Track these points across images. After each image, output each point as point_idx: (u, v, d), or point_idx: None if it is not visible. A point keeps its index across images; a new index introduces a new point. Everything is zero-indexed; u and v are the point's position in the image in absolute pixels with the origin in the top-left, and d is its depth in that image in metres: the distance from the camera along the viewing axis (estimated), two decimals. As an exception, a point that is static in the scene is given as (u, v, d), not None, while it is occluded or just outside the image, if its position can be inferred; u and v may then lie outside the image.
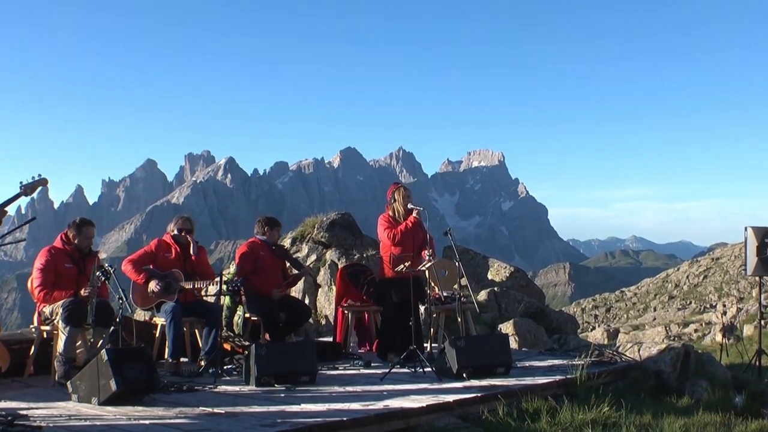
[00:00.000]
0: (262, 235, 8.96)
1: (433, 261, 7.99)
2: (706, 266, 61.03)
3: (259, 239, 8.93)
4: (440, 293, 8.95)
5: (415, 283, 7.90)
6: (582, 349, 8.39)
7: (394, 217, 8.54)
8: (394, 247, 8.34)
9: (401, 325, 8.05)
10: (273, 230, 9.01)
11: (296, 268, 9.21)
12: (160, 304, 7.80)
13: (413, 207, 8.44)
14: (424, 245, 8.28)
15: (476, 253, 16.12)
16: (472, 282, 11.68)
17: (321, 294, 12.87)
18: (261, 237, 8.94)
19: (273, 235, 9.01)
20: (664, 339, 25.55)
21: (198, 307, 7.97)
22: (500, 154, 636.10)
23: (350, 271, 10.12)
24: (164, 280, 7.81)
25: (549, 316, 12.86)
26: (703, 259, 65.94)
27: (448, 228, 8.43)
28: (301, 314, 8.78)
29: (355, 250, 13.49)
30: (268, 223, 9.03)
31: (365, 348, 9.89)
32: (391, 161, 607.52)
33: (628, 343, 8.99)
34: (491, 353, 7.38)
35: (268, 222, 9.04)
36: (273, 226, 9.04)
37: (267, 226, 9.00)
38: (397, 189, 8.65)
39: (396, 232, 8.33)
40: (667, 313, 47.88)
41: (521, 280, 14.89)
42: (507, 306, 12.55)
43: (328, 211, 15.33)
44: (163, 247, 8.08)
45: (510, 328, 10.69)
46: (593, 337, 27.41)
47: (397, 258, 8.15)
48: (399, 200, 8.55)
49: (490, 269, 15.30)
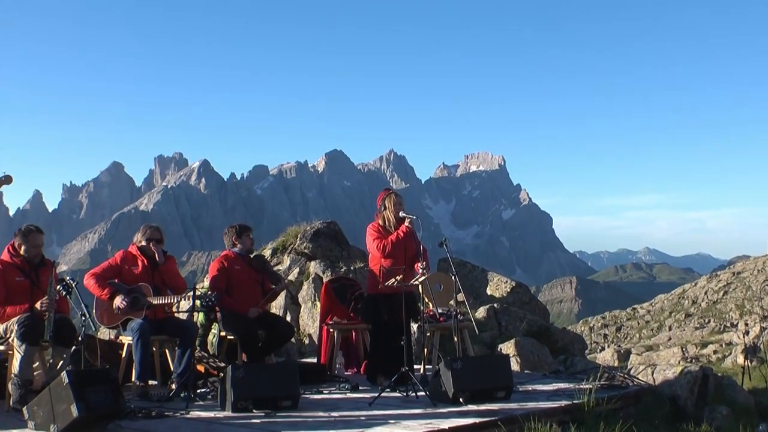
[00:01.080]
0: (232, 246, 8.95)
1: (427, 275, 7.99)
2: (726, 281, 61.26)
3: (233, 252, 8.91)
4: (435, 310, 8.95)
5: (407, 299, 7.91)
6: (590, 372, 8.40)
7: (384, 226, 8.55)
8: (384, 259, 8.35)
9: (392, 344, 8.04)
10: (244, 237, 8.97)
11: (273, 283, 9.15)
12: (127, 322, 7.77)
13: (405, 215, 8.45)
14: (417, 257, 8.28)
15: (474, 266, 16.13)
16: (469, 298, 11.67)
17: (304, 310, 12.86)
18: (235, 250, 8.92)
19: (245, 243, 8.97)
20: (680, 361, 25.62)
21: (168, 324, 7.95)
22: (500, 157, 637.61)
23: (336, 285, 10.12)
24: (131, 295, 7.78)
25: (554, 335, 12.87)
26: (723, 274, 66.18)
27: (443, 238, 8.40)
28: (282, 333, 8.76)
29: (341, 263, 13.49)
30: (237, 231, 9.00)
31: (352, 370, 9.88)
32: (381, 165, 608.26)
33: (641, 366, 9.00)
34: (490, 376, 7.38)
35: (236, 230, 9.01)
36: (242, 233, 8.99)
37: (236, 236, 8.98)
38: (388, 195, 8.67)
39: (386, 242, 8.35)
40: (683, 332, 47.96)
41: (523, 296, 14.90)
42: (508, 324, 12.55)
43: (312, 219, 15.33)
44: (129, 260, 8.05)
45: (511, 349, 10.70)
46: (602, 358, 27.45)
47: (387, 271, 8.15)
48: (390, 208, 8.56)
49: (489, 284, 15.31)
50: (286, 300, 12.83)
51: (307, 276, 13.31)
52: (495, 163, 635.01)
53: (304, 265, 13.66)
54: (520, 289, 15.10)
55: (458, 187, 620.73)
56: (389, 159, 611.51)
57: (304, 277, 13.36)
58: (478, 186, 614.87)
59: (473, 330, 8.37)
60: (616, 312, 70.24)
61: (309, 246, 13.85)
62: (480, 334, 11.33)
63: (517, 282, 15.45)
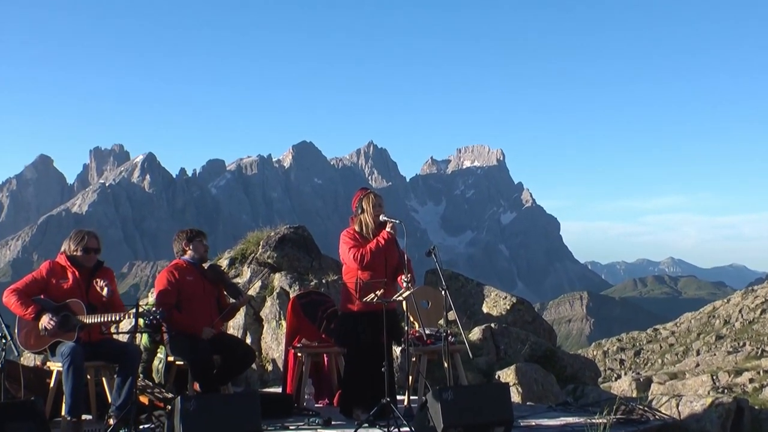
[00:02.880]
0: (183, 254, 8.93)
1: (412, 289, 8.01)
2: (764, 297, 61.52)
3: (185, 261, 8.89)
4: (421, 330, 8.96)
5: (388, 318, 7.91)
6: (604, 404, 8.43)
7: (361, 232, 8.55)
8: (361, 271, 8.36)
9: (371, 371, 8.05)
10: (195, 243, 8.94)
11: (232, 296, 9.14)
12: (56, 345, 7.74)
13: (386, 219, 8.47)
14: (401, 269, 8.30)
15: (468, 279, 16.18)
16: (462, 316, 11.69)
17: (267, 331, 12.84)
18: (186, 258, 8.90)
19: (198, 250, 8.94)
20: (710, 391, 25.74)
21: (106, 348, 7.91)
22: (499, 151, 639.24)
23: (305, 301, 10.11)
24: (60, 313, 7.74)
25: (561, 360, 12.91)
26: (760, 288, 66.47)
27: (431, 246, 8.42)
28: (241, 357, 8.74)
29: (311, 275, 13.48)
30: (188, 236, 8.98)
31: (324, 401, 9.88)
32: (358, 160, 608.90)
33: (664, 397, 9.05)
34: (487, 408, 7.39)
35: (187, 235, 8.99)
36: (193, 239, 8.95)
37: (186, 241, 8.96)
38: (366, 196, 8.67)
39: (364, 251, 8.35)
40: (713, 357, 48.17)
41: (526, 314, 14.95)
42: (507, 347, 12.59)
43: (277, 223, 15.31)
44: (58, 272, 8.00)
45: (511, 376, 10.72)
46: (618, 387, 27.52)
47: (365, 285, 8.16)
48: (368, 210, 8.57)
49: (485, 300, 15.35)
50: (246, 318, 12.81)
51: (270, 290, 13.29)
52: (492, 158, 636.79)
53: (268, 278, 13.65)
54: (521, 306, 15.15)
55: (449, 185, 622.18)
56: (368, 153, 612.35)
57: (267, 291, 13.35)
58: (472, 185, 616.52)
59: (466, 354, 8.38)
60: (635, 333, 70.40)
61: (273, 255, 13.83)
62: (474, 359, 11.36)
63: (519, 298, 15.50)
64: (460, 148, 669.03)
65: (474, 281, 16.25)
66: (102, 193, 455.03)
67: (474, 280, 16.32)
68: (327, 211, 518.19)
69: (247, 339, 12.59)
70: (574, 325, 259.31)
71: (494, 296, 15.35)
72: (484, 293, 15.58)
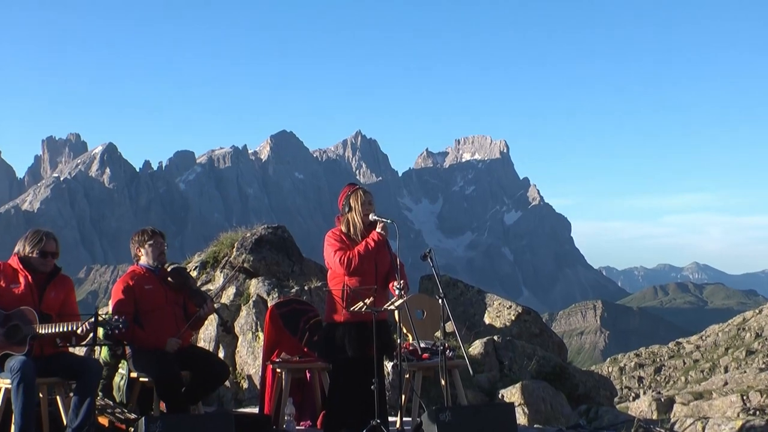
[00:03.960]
0: (137, 258, 8.91)
1: (405, 297, 8.02)
2: (801, 307, 61.65)
3: (142, 266, 8.87)
4: (415, 344, 8.98)
5: (378, 330, 7.93)
6: (621, 427, 8.47)
7: (348, 233, 8.56)
8: (348, 276, 8.35)
9: (358, 389, 8.06)
10: (152, 244, 8.90)
11: (196, 305, 9.06)
12: (4, 359, 7.74)
13: (377, 219, 8.48)
14: (393, 274, 8.31)
15: (468, 286, 16.21)
16: (461, 327, 11.71)
17: (242, 344, 12.85)
18: (144, 264, 8.87)
19: (155, 251, 8.91)
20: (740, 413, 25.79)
21: (61, 362, 7.89)
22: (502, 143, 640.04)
23: (285, 310, 10.12)
24: (9, 323, 7.74)
25: (573, 377, 12.95)
26: (795, 297, 66.53)
27: (427, 249, 8.44)
28: (212, 373, 8.74)
29: (292, 281, 13.50)
30: (139, 240, 8.92)
31: (306, 423, 9.89)
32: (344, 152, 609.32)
33: (688, 419, 9.10)
34: (489, 431, 7.41)
35: (139, 238, 8.94)
36: (147, 240, 8.88)
37: (140, 245, 8.91)
38: (354, 192, 8.67)
39: (351, 255, 8.35)
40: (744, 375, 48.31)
41: (532, 326, 14.99)
42: (512, 363, 12.62)
43: (253, 222, 15.33)
44: (8, 275, 7.99)
45: (516, 395, 10.75)
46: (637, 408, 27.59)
47: (353, 293, 8.16)
48: (356, 208, 8.57)
49: (487, 309, 15.38)
50: (218, 330, 12.81)
51: (246, 298, 13.30)
52: (495, 150, 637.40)
53: (243, 284, 13.66)
54: (528, 316, 15.19)
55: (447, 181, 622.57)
56: (355, 144, 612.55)
57: (242, 299, 13.35)
58: (472, 180, 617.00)
59: (466, 370, 8.41)
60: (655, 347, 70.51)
61: (249, 258, 13.84)
62: (475, 375, 11.39)
63: (525, 307, 15.54)
64: (458, 139, 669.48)
65: (474, 288, 16.29)
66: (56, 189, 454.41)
67: (474, 287, 16.36)
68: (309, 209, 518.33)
69: (220, 353, 12.59)
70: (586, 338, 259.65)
71: (497, 305, 15.39)
72: (485, 302, 15.61)
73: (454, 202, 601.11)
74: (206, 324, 12.10)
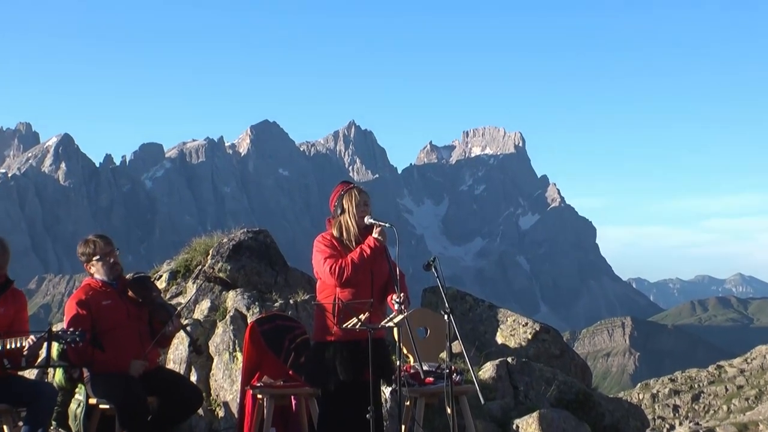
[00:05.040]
0: (106, 268, 8.87)
1: (405, 313, 8.01)
2: None
3: (98, 279, 8.85)
4: (417, 366, 8.98)
5: (375, 350, 7.93)
6: (652, 462, 8.47)
7: (340, 238, 8.56)
8: (340, 288, 8.36)
9: (351, 418, 8.07)
10: (104, 253, 8.89)
11: (160, 321, 9.02)
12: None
13: (373, 222, 8.47)
14: (391, 286, 8.30)
15: (477, 300, 16.24)
16: (470, 348, 11.72)
17: (218, 366, 12.85)
18: (99, 276, 8.83)
19: (105, 266, 8.91)
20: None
21: (9, 387, 7.90)
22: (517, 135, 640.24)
23: (267, 327, 10.13)
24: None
25: (598, 406, 12.96)
26: None
27: (431, 258, 8.43)
28: (182, 400, 8.76)
29: (275, 293, 13.51)
30: (87, 254, 8.89)
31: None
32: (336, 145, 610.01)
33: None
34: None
35: (86, 251, 8.90)
36: (93, 256, 8.86)
37: (87, 262, 8.88)
38: (347, 192, 8.66)
39: (344, 263, 8.33)
40: (794, 403, 48.43)
41: (552, 346, 15.01)
42: (528, 389, 12.63)
43: (231, 226, 15.34)
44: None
45: (533, 426, 10.76)
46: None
47: (345, 307, 8.16)
48: (350, 210, 8.56)
49: (500, 327, 15.40)
50: (190, 350, 12.80)
51: (222, 313, 13.30)
52: (509, 144, 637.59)
53: (219, 297, 13.66)
54: (547, 335, 15.21)
55: (453, 179, 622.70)
56: (348, 136, 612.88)
57: (218, 314, 13.35)
58: (483, 178, 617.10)
59: (476, 397, 8.41)
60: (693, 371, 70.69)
61: (226, 267, 13.84)
62: (486, 403, 11.39)
63: (543, 325, 15.56)
64: (467, 131, 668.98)
65: (485, 303, 16.31)
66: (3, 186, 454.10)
67: (485, 302, 16.38)
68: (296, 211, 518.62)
69: (192, 376, 12.59)
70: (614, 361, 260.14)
71: (511, 322, 15.41)
72: (498, 318, 15.63)
73: (461, 204, 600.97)
74: (177, 342, 12.11)
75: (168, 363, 12.49)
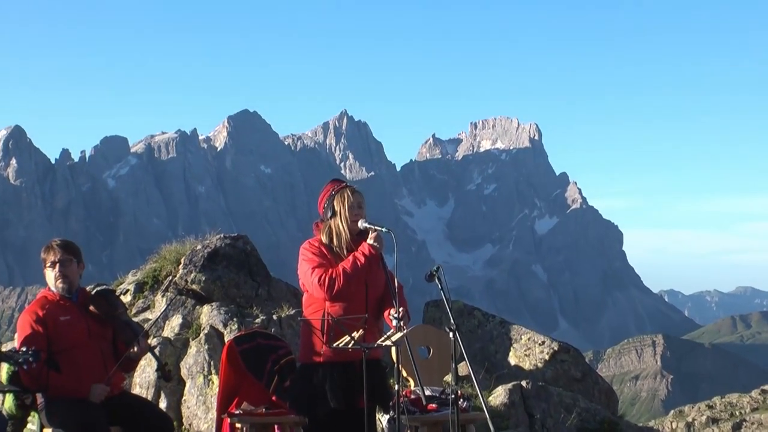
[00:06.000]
0: (52, 278, 8.85)
1: (405, 330, 8.02)
2: None
3: (54, 292, 8.84)
4: (419, 391, 8.99)
5: (370, 372, 7.93)
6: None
7: (330, 245, 8.56)
8: (330, 302, 8.36)
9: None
10: (53, 262, 8.89)
11: (125, 341, 9.03)
12: None
13: (368, 226, 8.48)
14: (388, 299, 8.31)
15: (487, 315, 16.27)
16: (479, 370, 11.74)
17: (190, 391, 12.87)
18: (56, 288, 8.81)
19: (69, 271, 8.87)
20: None
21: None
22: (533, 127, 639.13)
23: (248, 347, 10.14)
24: None
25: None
26: None
27: (434, 267, 8.43)
28: (150, 429, 8.76)
29: (256, 308, 13.53)
30: (44, 255, 8.89)
31: (274, 495, 9.91)
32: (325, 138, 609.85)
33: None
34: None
35: (43, 258, 8.91)
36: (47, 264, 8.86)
37: (43, 264, 8.89)
38: (339, 192, 8.66)
39: (335, 273, 8.33)
40: None
41: (573, 368, 15.04)
42: (545, 416, 12.66)
43: (206, 231, 15.36)
44: None
45: (551, 459, 10.80)
46: (709, 476, 27.73)
47: (336, 323, 8.16)
48: (342, 213, 8.57)
49: (513, 346, 15.43)
50: (158, 373, 12.82)
51: (195, 331, 13.33)
52: (523, 137, 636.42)
53: (192, 312, 13.68)
54: (566, 355, 15.25)
55: (460, 177, 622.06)
56: (339, 128, 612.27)
57: (190, 332, 13.38)
58: (493, 176, 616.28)
59: (485, 426, 8.43)
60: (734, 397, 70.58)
61: (200, 278, 13.87)
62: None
63: (562, 343, 15.60)
64: (475, 123, 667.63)
65: (496, 318, 16.35)
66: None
67: (496, 317, 16.42)
68: (279, 213, 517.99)
69: (161, 402, 12.62)
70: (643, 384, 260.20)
71: (526, 340, 15.45)
72: (511, 336, 15.66)
73: (468, 205, 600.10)
74: (144, 364, 12.12)
75: (134, 387, 12.52)
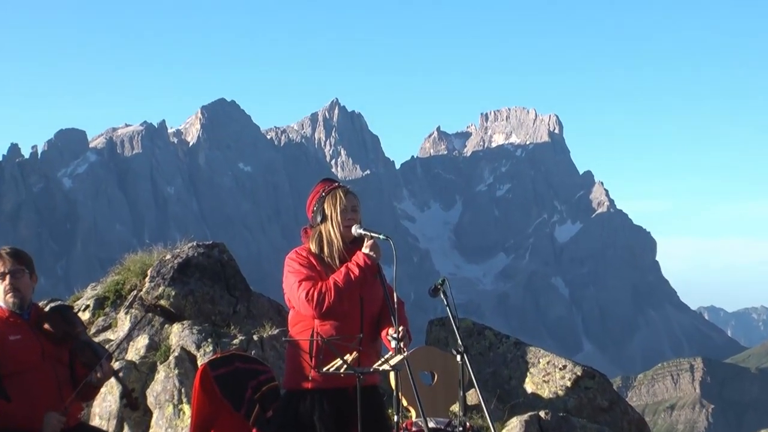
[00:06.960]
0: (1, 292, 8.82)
1: (406, 352, 8.00)
2: None
3: (4, 308, 8.81)
4: (421, 422, 8.99)
5: (366, 401, 7.92)
6: None
7: (320, 254, 8.54)
8: (320, 320, 8.36)
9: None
10: (17, 273, 8.84)
11: (83, 363, 9.00)
12: None
13: (363, 232, 8.47)
14: (386, 317, 8.29)
15: (500, 336, 16.27)
16: (491, 398, 11.74)
17: (158, 422, 12.89)
18: (7, 302, 8.78)
19: (21, 283, 8.84)
20: None
21: None
22: (553, 119, 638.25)
23: (224, 371, 10.13)
24: None
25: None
26: None
27: (439, 280, 8.42)
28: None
29: (234, 327, 13.53)
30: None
31: None
32: (313, 131, 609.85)
33: None
34: None
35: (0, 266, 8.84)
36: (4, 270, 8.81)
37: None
38: (331, 193, 8.66)
39: (325, 287, 8.32)
40: None
41: (599, 396, 15.05)
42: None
43: (176, 238, 15.37)
44: None
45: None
46: None
47: (327, 345, 8.14)
48: (333, 217, 8.56)
49: (530, 371, 15.43)
50: (122, 403, 12.82)
51: (164, 353, 13.33)
52: (542, 131, 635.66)
53: (160, 332, 13.69)
54: (591, 381, 15.25)
55: (468, 177, 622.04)
56: (330, 119, 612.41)
57: (158, 355, 13.39)
58: (507, 175, 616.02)
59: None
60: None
61: (169, 293, 13.88)
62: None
63: (587, 368, 15.60)
64: (486, 114, 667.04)
65: (511, 339, 16.34)
66: None
67: (511, 337, 16.41)
68: (261, 217, 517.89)
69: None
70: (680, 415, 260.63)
71: (545, 364, 15.45)
72: (527, 359, 15.66)
73: (479, 209, 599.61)
74: (104, 391, 12.12)
75: (92, 419, 12.52)
